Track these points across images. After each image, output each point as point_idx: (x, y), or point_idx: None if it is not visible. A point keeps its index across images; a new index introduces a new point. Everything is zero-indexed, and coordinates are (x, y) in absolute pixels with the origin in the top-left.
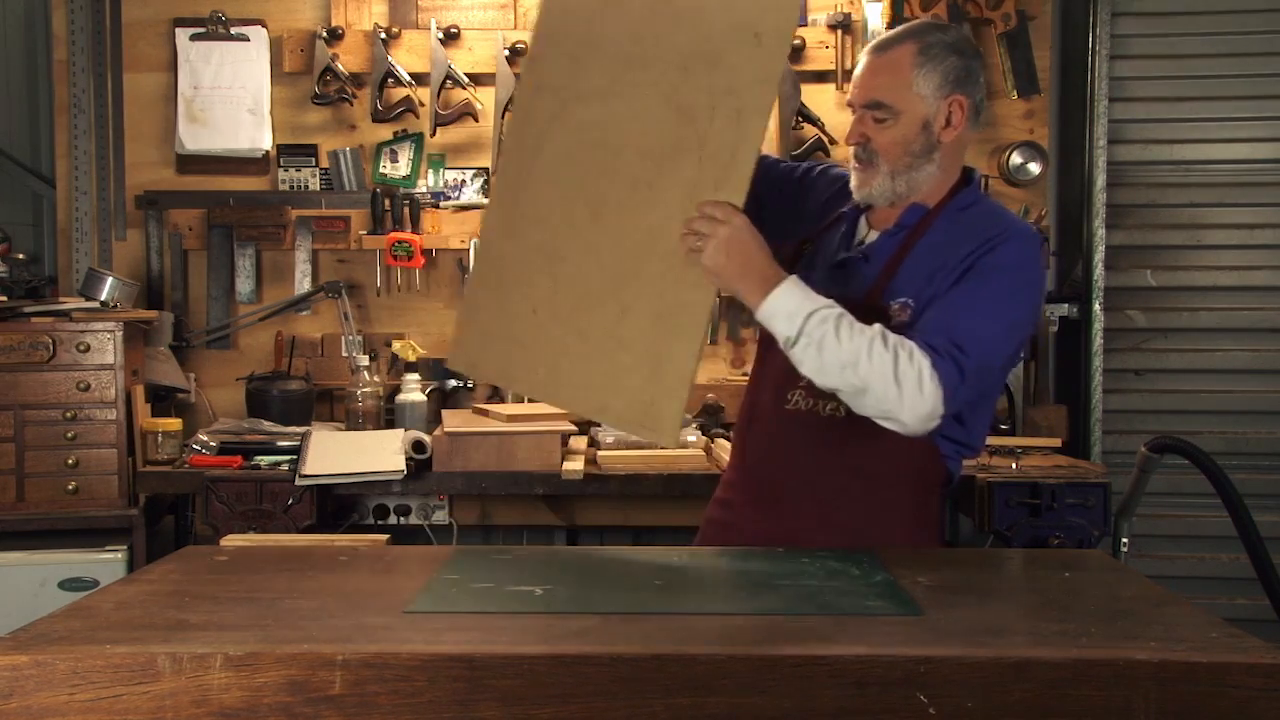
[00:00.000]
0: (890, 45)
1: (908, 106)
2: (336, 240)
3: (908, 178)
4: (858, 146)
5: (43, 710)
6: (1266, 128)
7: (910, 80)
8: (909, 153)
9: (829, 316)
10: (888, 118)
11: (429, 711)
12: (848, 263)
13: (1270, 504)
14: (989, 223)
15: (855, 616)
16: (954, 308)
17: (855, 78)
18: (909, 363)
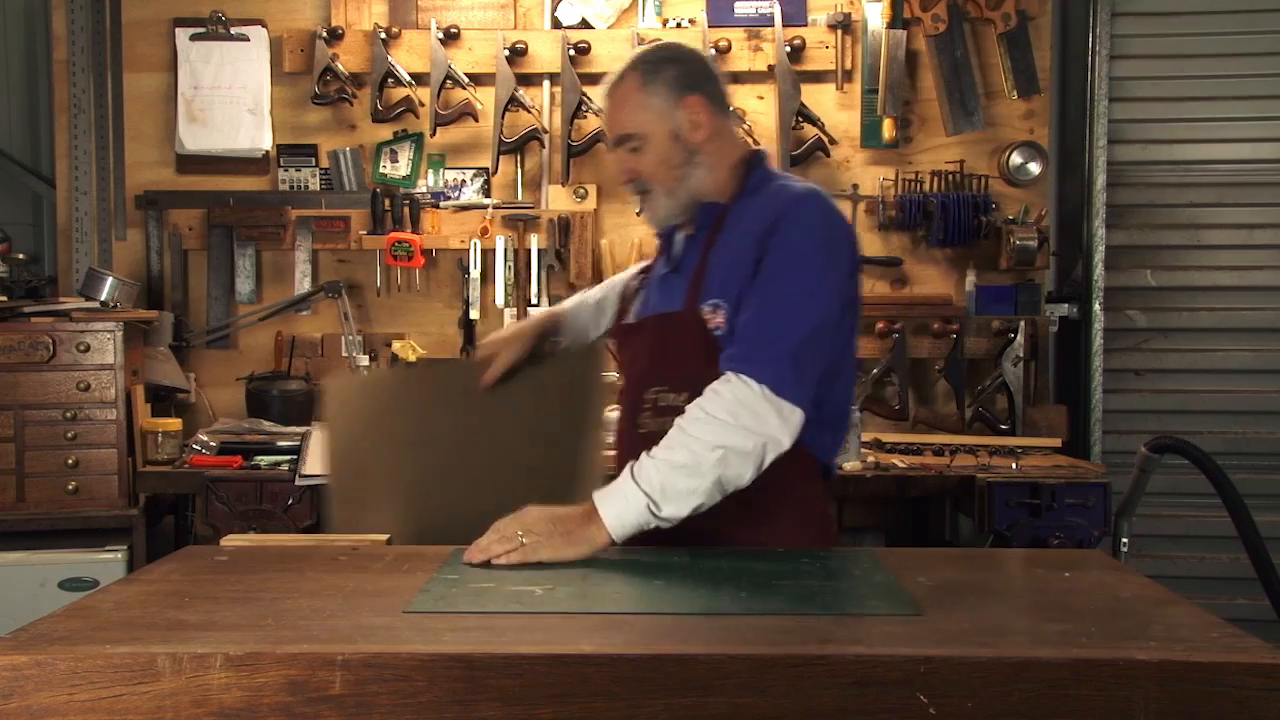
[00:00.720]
0: (617, 82)
1: (651, 128)
2: (336, 240)
3: (684, 188)
4: (632, 184)
5: (43, 710)
6: (1266, 128)
7: (642, 104)
8: (673, 167)
9: (645, 471)
10: (639, 145)
11: (429, 711)
12: (665, 279)
13: (1270, 504)
14: (771, 201)
15: (855, 616)
16: (757, 301)
17: (604, 123)
18: (732, 405)
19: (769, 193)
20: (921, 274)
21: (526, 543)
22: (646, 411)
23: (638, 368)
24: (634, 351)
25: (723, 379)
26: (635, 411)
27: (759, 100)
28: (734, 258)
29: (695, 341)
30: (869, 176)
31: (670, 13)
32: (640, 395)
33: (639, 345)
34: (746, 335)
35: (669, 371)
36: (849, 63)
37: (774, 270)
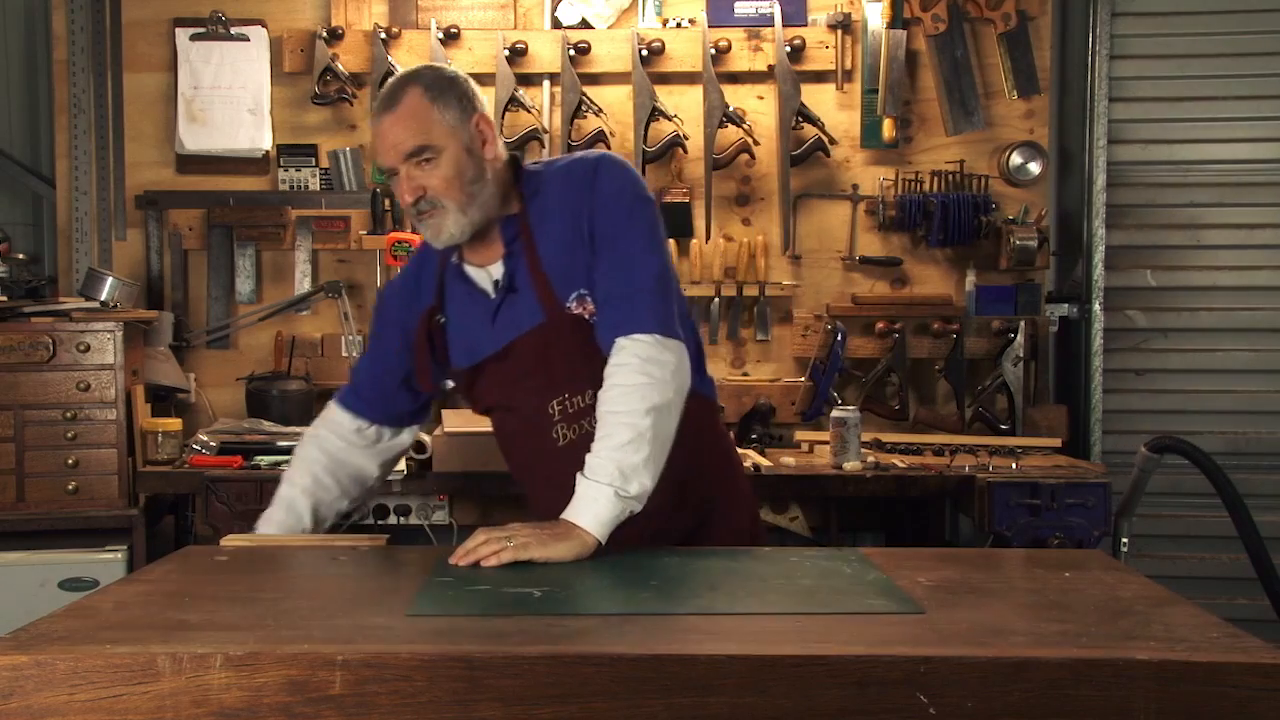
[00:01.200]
0: (397, 98)
1: (446, 142)
2: (336, 240)
3: (477, 206)
4: (420, 201)
5: (43, 710)
6: (1266, 128)
7: (435, 118)
8: (467, 182)
9: (597, 468)
10: (433, 157)
11: (429, 711)
12: (503, 305)
13: (1270, 504)
14: (568, 180)
15: (855, 616)
16: (607, 267)
17: (379, 144)
18: (640, 365)
19: (555, 177)
20: (921, 274)
21: (516, 544)
22: (558, 425)
23: (525, 389)
24: (511, 377)
25: (616, 349)
26: (545, 429)
27: (759, 100)
28: (564, 247)
29: (576, 339)
30: (869, 176)
31: (670, 13)
32: (544, 413)
33: (513, 370)
34: (613, 300)
35: (561, 379)
36: (849, 63)
37: (609, 233)
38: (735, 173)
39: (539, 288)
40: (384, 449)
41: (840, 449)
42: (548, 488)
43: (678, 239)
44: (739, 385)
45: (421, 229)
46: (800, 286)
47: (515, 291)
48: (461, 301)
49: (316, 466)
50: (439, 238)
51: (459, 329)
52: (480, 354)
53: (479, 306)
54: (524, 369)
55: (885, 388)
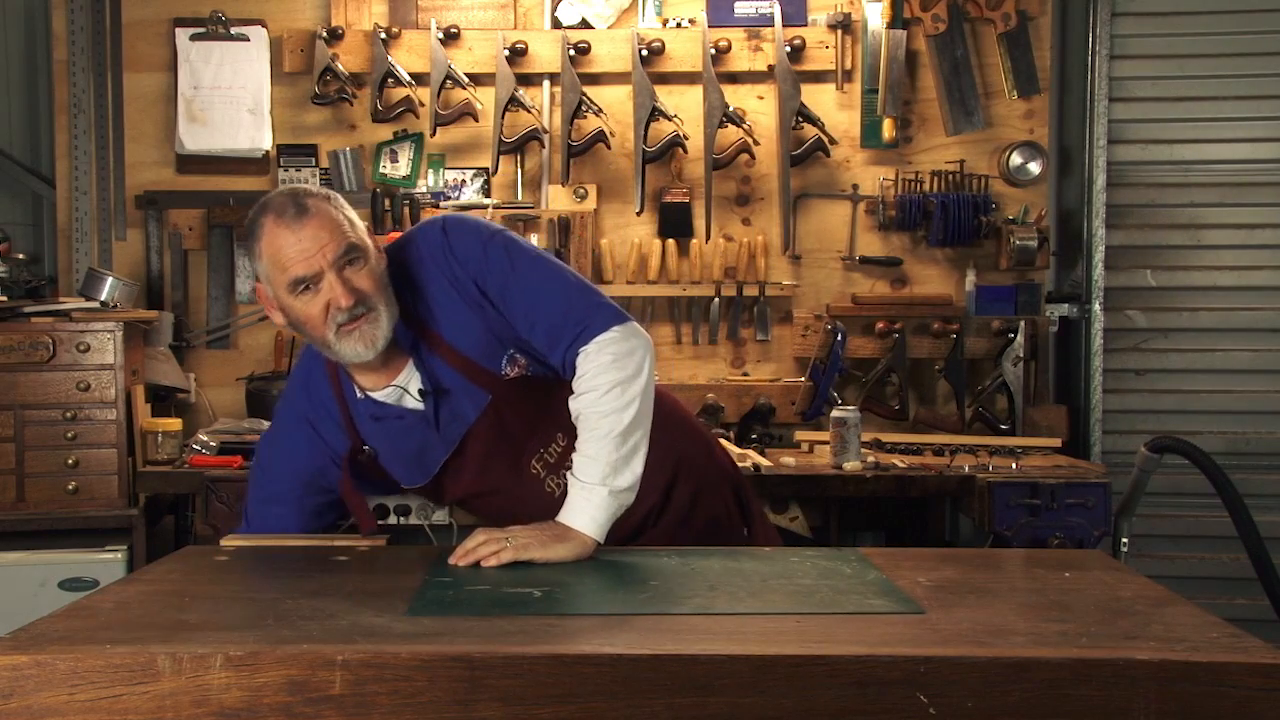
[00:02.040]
0: (305, 207)
1: (366, 244)
2: None
3: (394, 305)
4: (358, 305)
5: (43, 710)
6: (1266, 128)
7: (352, 221)
8: (385, 285)
9: (584, 469)
10: (359, 259)
11: (429, 711)
12: (438, 413)
13: (1270, 504)
14: (423, 259)
15: (855, 616)
16: (527, 302)
17: (293, 253)
18: (609, 361)
19: (413, 264)
20: (921, 274)
21: (515, 544)
22: (546, 479)
23: (500, 464)
24: (480, 466)
25: (584, 356)
26: (535, 486)
27: (759, 100)
28: (463, 322)
29: (527, 399)
30: (869, 176)
31: (670, 13)
32: (526, 475)
33: (481, 456)
34: (553, 328)
35: (531, 438)
36: (849, 63)
37: (504, 284)
38: (735, 173)
39: (468, 372)
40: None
41: (840, 449)
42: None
43: (678, 239)
44: (739, 385)
45: (348, 342)
46: (800, 286)
47: (443, 392)
48: (386, 429)
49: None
50: (374, 345)
51: (395, 455)
52: (435, 463)
53: (410, 423)
54: (486, 451)
55: (885, 388)
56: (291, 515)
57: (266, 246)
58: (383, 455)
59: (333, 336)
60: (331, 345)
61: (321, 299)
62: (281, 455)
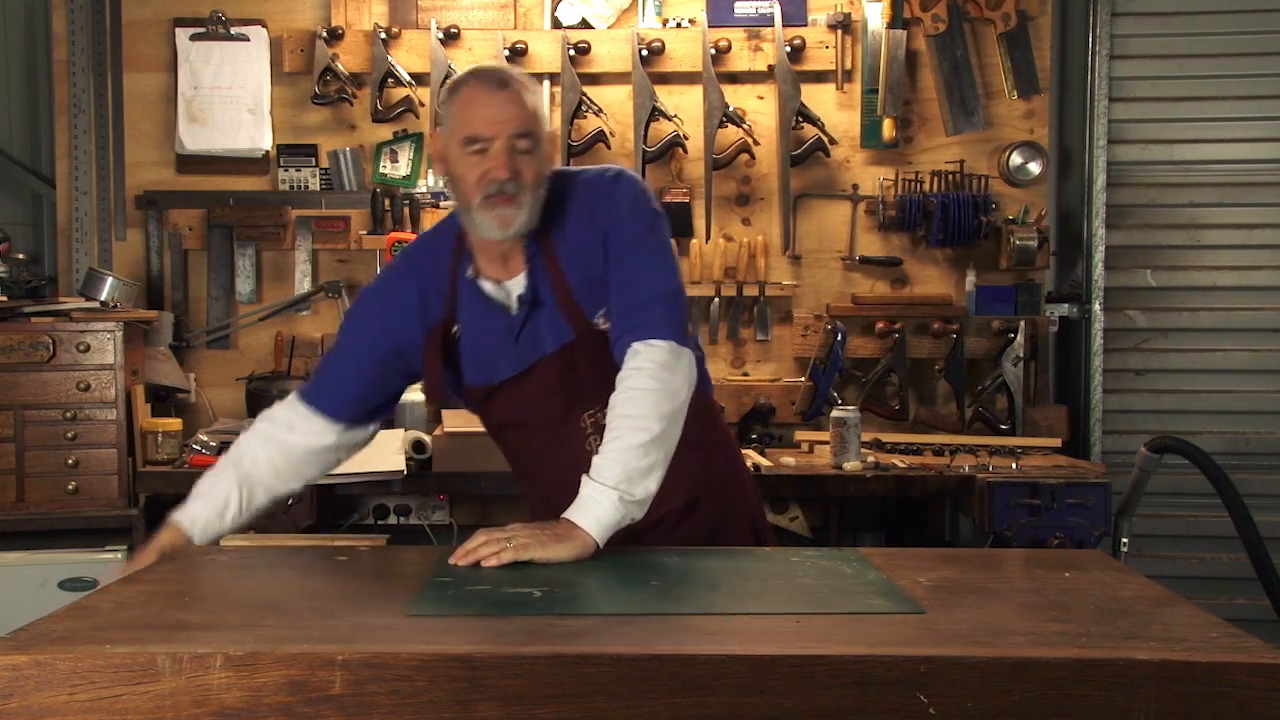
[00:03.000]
0: (506, 81)
1: (543, 134)
2: (336, 240)
3: (538, 208)
4: (505, 182)
5: (43, 710)
6: (1266, 128)
7: (539, 108)
8: (543, 179)
9: (604, 469)
10: (532, 148)
11: (429, 711)
12: (524, 327)
13: (1270, 504)
14: (584, 198)
15: (855, 616)
16: (624, 277)
17: (480, 113)
18: (655, 371)
19: (574, 194)
20: (921, 274)
21: (516, 544)
22: (590, 435)
23: (553, 406)
24: (536, 395)
25: (632, 353)
26: (578, 441)
27: (759, 100)
28: (585, 264)
29: (604, 357)
30: (869, 176)
31: (670, 13)
32: (575, 427)
33: (539, 387)
34: (629, 308)
35: (592, 393)
36: (849, 63)
37: (626, 243)
38: (735, 173)
39: (565, 305)
40: (335, 445)
41: (840, 449)
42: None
43: (678, 239)
44: (739, 385)
45: (487, 215)
46: (800, 286)
47: (540, 306)
48: (477, 317)
49: (257, 452)
50: (508, 227)
51: (474, 346)
52: (499, 374)
53: (497, 323)
54: (549, 386)
55: (885, 388)
56: (362, 375)
57: (461, 99)
58: (464, 341)
59: (477, 203)
60: (473, 211)
61: (483, 164)
62: (380, 293)
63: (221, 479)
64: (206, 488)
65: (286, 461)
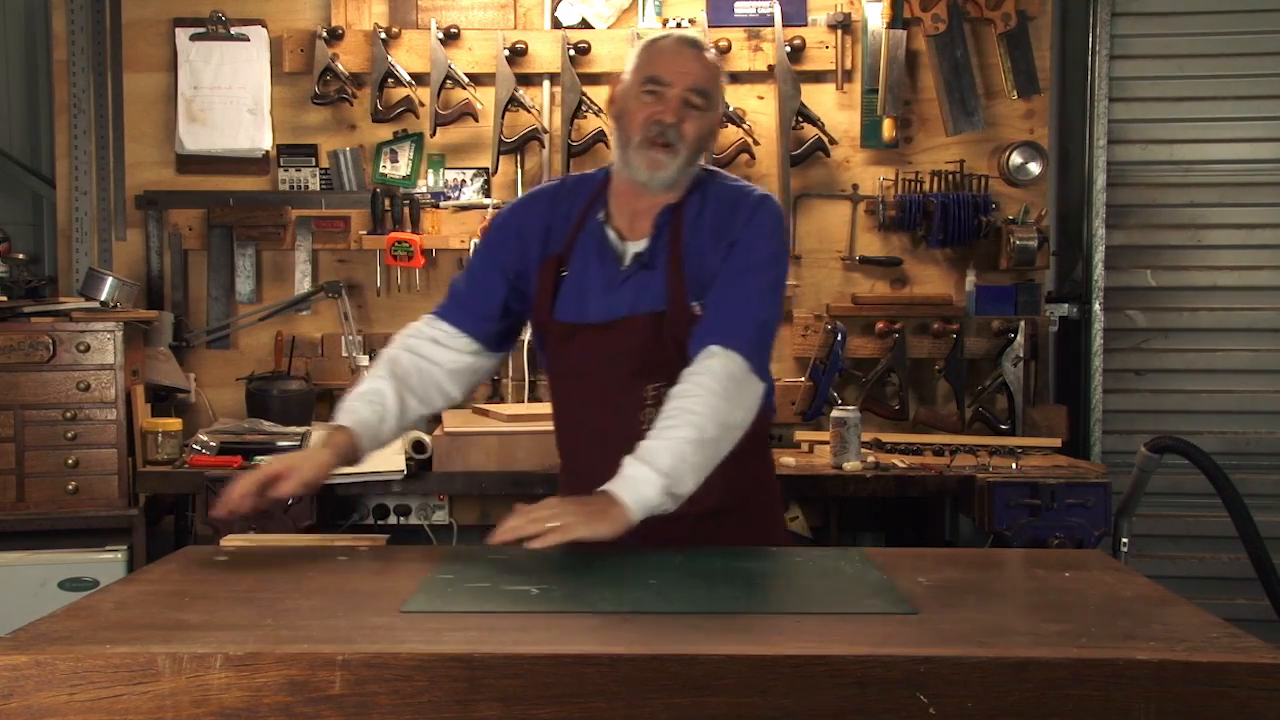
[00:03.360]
0: (700, 47)
1: (717, 103)
2: (336, 240)
3: (688, 171)
4: (669, 127)
5: (43, 710)
6: (1266, 128)
7: (719, 85)
8: (702, 147)
9: (657, 453)
10: (704, 107)
11: (429, 711)
12: (631, 278)
13: (1270, 504)
14: (729, 202)
15: (855, 616)
16: (731, 287)
17: (672, 60)
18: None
19: (720, 193)
20: (921, 274)
21: (559, 524)
22: (649, 409)
23: (623, 366)
24: (611, 351)
25: (707, 353)
26: (634, 410)
27: (759, 100)
28: (702, 256)
29: (687, 337)
30: (869, 176)
31: (670, 13)
32: (637, 395)
33: (617, 344)
34: (722, 315)
35: (664, 368)
36: (849, 63)
37: (747, 264)
38: (735, 172)
39: (672, 278)
40: (472, 366)
41: (840, 449)
42: (615, 465)
43: None
44: None
45: (641, 156)
46: (800, 286)
47: (650, 270)
48: (588, 259)
49: (404, 361)
50: (656, 173)
51: (575, 284)
52: (587, 317)
53: (604, 271)
54: (627, 347)
55: (885, 388)
56: (495, 292)
57: (652, 47)
58: (568, 279)
59: (636, 141)
60: (629, 149)
61: (653, 106)
62: (520, 215)
63: (378, 384)
64: (364, 390)
65: (432, 377)
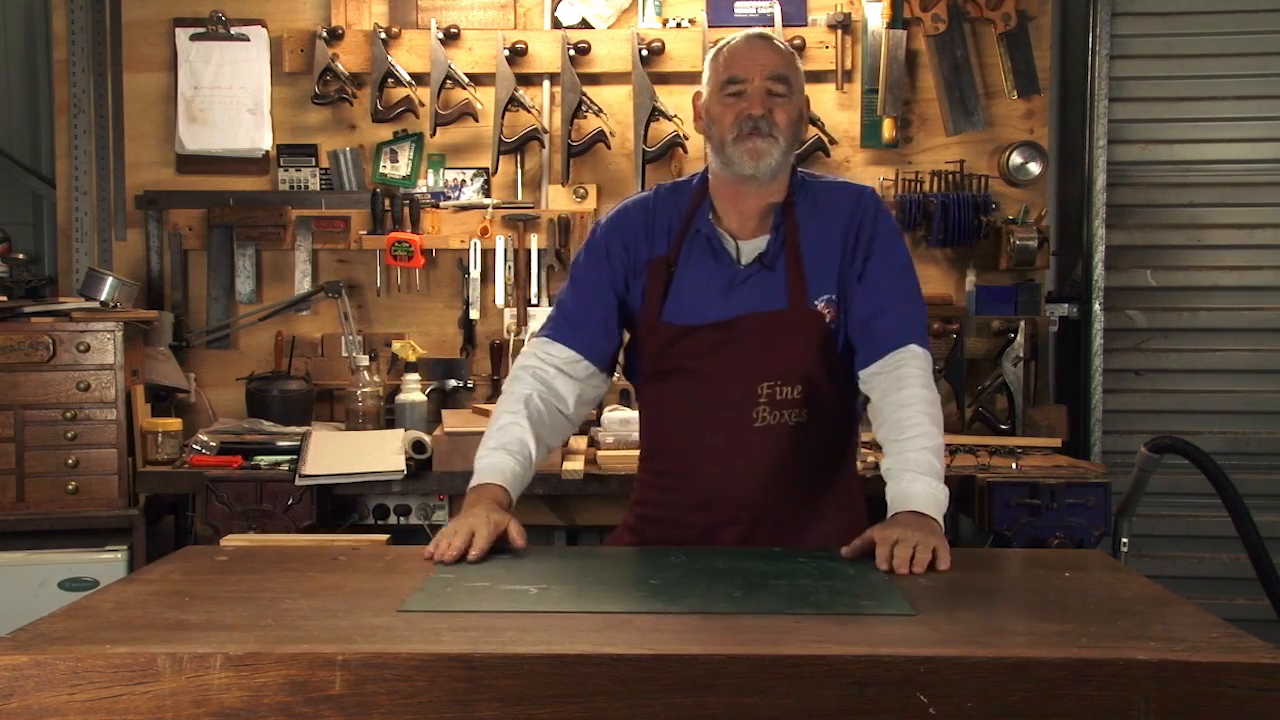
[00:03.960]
0: (769, 38)
1: (799, 89)
2: (336, 240)
3: (789, 157)
4: (760, 119)
5: (43, 710)
6: (1266, 128)
7: (796, 69)
8: (796, 133)
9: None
10: (787, 94)
11: (429, 711)
12: (749, 279)
13: (1270, 504)
14: (839, 197)
15: (855, 616)
16: (890, 286)
17: (740, 58)
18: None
19: (825, 188)
20: (921, 274)
21: (920, 554)
22: (762, 406)
23: (741, 364)
24: (729, 349)
25: (909, 354)
26: (747, 406)
27: None
28: (823, 252)
29: (809, 337)
30: (869, 176)
31: (670, 13)
32: (751, 392)
33: (736, 342)
34: (895, 313)
35: (781, 366)
36: (849, 63)
37: (892, 263)
38: None
39: (792, 276)
40: (590, 397)
41: None
42: (726, 462)
43: None
44: None
45: (741, 148)
46: None
47: (770, 270)
48: (697, 261)
49: (537, 400)
50: (759, 162)
51: (685, 287)
52: (705, 317)
53: (717, 272)
54: (745, 345)
55: None
56: (593, 286)
57: (724, 53)
58: (676, 281)
59: (731, 138)
60: (727, 148)
61: (739, 105)
62: (618, 228)
63: (519, 433)
64: (508, 440)
65: (561, 415)
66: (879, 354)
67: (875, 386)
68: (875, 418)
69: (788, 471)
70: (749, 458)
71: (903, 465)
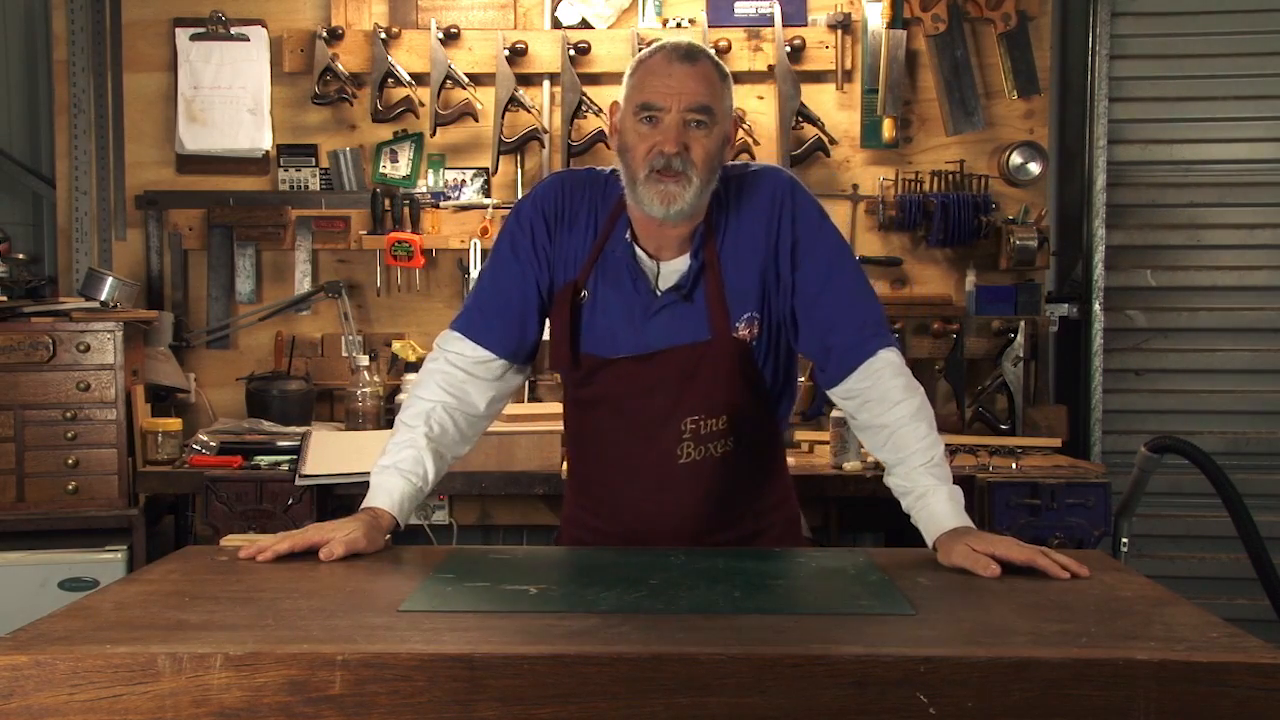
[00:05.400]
0: (695, 57)
1: (722, 118)
2: (336, 240)
3: (706, 193)
4: (673, 156)
5: (43, 710)
6: (1266, 128)
7: (722, 92)
8: (716, 165)
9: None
10: (708, 123)
11: (429, 711)
12: (666, 308)
13: (1270, 504)
14: (756, 197)
15: (855, 616)
16: (839, 284)
17: (660, 83)
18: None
19: (742, 190)
20: (921, 274)
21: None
22: (686, 442)
23: (661, 399)
24: (648, 383)
25: (879, 361)
26: (672, 445)
27: (759, 100)
28: (744, 269)
29: (730, 366)
30: (869, 176)
31: (670, 13)
32: (675, 430)
33: (655, 376)
34: (848, 322)
35: (705, 400)
36: (849, 63)
37: (829, 263)
38: None
39: (713, 306)
40: (504, 385)
41: (840, 449)
42: (655, 499)
43: None
44: None
45: (651, 190)
46: None
47: (689, 302)
48: (615, 285)
49: (441, 413)
50: (670, 205)
51: (602, 314)
52: (620, 350)
53: (635, 297)
54: (663, 377)
55: None
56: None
57: (643, 68)
58: (591, 307)
59: (642, 176)
60: (637, 185)
61: (653, 137)
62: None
63: (414, 451)
64: (401, 459)
65: (467, 422)
66: (847, 369)
67: (855, 408)
68: (868, 440)
69: (717, 499)
70: (677, 494)
71: (920, 488)
